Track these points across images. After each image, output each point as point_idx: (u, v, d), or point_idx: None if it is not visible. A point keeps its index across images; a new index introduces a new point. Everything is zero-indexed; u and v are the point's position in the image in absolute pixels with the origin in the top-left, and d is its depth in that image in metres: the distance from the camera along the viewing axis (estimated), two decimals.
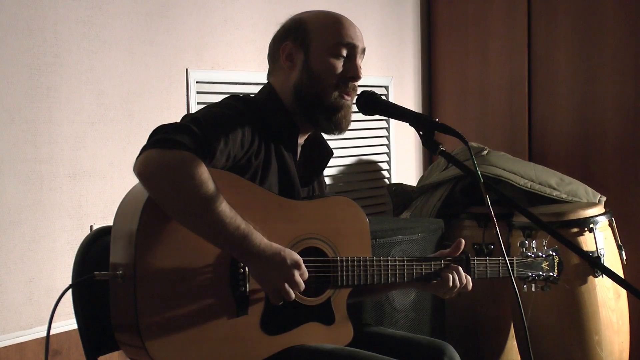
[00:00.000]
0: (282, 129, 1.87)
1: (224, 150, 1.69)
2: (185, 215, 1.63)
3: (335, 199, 1.92)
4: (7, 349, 2.45)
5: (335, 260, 1.83)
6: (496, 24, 3.97)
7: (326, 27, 1.88)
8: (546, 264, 2.10)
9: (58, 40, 2.55)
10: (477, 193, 1.99)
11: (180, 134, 1.62)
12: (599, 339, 3.06)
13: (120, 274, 1.64)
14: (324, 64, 1.85)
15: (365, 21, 3.77)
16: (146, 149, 1.62)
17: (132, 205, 1.68)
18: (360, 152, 3.78)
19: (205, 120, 1.69)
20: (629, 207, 3.59)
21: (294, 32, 1.89)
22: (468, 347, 3.33)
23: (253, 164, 1.78)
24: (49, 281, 2.55)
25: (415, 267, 1.92)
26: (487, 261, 2.01)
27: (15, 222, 2.46)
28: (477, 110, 4.06)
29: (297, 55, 1.88)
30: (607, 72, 3.66)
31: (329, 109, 1.86)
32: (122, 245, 1.67)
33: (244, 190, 1.73)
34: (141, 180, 1.62)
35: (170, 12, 2.88)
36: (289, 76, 1.89)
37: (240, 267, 1.71)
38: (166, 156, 1.60)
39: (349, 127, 1.91)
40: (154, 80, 2.83)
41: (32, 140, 2.50)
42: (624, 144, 3.64)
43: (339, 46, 1.86)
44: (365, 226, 1.93)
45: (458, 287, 1.95)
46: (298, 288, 1.70)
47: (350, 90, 1.88)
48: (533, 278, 2.08)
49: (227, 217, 1.62)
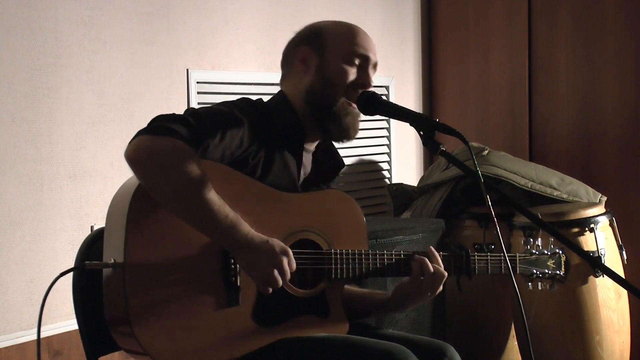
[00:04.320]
0: (288, 131, 1.88)
1: (218, 146, 1.71)
2: (172, 199, 1.65)
3: (329, 192, 1.92)
4: (8, 349, 2.45)
5: (330, 252, 1.83)
6: (497, 23, 3.97)
7: (343, 35, 1.90)
8: (552, 262, 2.06)
9: (59, 41, 2.56)
10: (478, 193, 1.99)
11: (176, 124, 1.66)
12: (600, 339, 3.06)
13: (112, 263, 1.65)
14: (337, 70, 1.87)
15: (366, 21, 3.77)
16: (139, 134, 1.66)
17: (122, 197, 1.69)
18: (361, 152, 3.78)
19: (204, 114, 1.72)
20: (630, 206, 3.59)
21: (311, 38, 1.92)
22: (469, 347, 3.33)
23: (250, 164, 1.79)
24: (50, 281, 2.53)
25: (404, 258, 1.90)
26: (488, 257, 1.99)
27: (16, 223, 2.46)
28: (477, 110, 4.06)
29: (312, 59, 1.89)
30: (608, 72, 3.66)
31: (336, 115, 1.87)
32: (113, 235, 1.68)
33: (237, 183, 1.73)
34: (130, 163, 1.64)
35: (171, 13, 2.89)
36: (302, 80, 1.90)
37: (232, 256, 1.71)
38: (157, 141, 1.63)
39: (356, 136, 1.92)
40: (154, 81, 2.84)
41: (32, 141, 2.50)
42: (624, 144, 3.64)
43: (353, 55, 1.88)
44: (360, 219, 1.93)
45: (428, 277, 1.87)
46: (286, 276, 1.70)
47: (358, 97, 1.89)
48: (538, 276, 2.04)
49: (216, 205, 1.64)
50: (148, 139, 1.64)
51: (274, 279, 1.68)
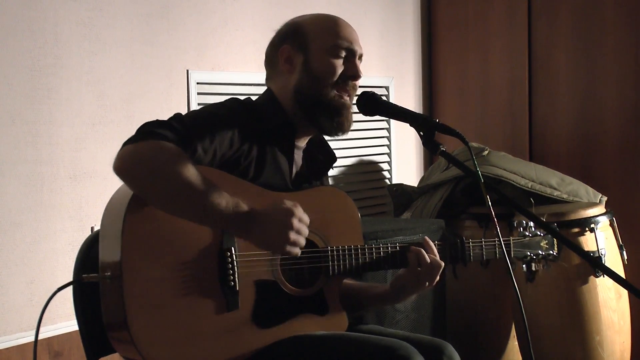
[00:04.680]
0: (278, 130, 1.86)
1: (209, 148, 1.69)
2: (169, 201, 1.62)
3: (323, 190, 1.93)
4: (9, 350, 2.45)
5: (326, 250, 1.83)
6: (496, 23, 3.97)
7: (325, 29, 1.88)
8: (545, 243, 2.09)
9: (58, 42, 2.56)
10: (478, 193, 2.00)
11: (160, 128, 1.64)
12: (600, 340, 3.06)
13: (108, 275, 1.64)
14: (324, 64, 1.86)
15: (365, 21, 3.77)
16: (124, 145, 1.64)
17: (117, 205, 1.68)
18: (361, 153, 3.78)
19: (190, 118, 1.70)
20: (630, 206, 3.59)
21: (292, 36, 1.89)
22: (469, 347, 3.33)
23: (242, 164, 1.78)
24: (50, 282, 2.55)
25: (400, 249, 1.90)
26: (482, 243, 2.00)
27: (16, 224, 2.46)
28: (477, 111, 4.06)
29: (296, 57, 1.88)
30: (608, 72, 3.66)
31: (329, 108, 1.86)
32: (109, 245, 1.67)
33: (229, 186, 1.71)
34: (119, 175, 1.62)
35: (171, 14, 2.89)
36: (288, 79, 1.89)
37: (229, 261, 1.70)
38: (141, 147, 1.61)
39: (350, 128, 1.91)
40: (154, 82, 2.84)
41: (32, 142, 2.50)
42: (624, 144, 3.64)
43: (338, 48, 1.87)
44: (354, 214, 1.93)
45: (425, 267, 1.88)
46: (302, 235, 1.66)
47: (349, 89, 1.88)
48: (532, 257, 2.08)
49: (214, 195, 1.60)
50: (132, 146, 1.62)
51: (293, 243, 1.64)
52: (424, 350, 1.82)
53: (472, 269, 3.21)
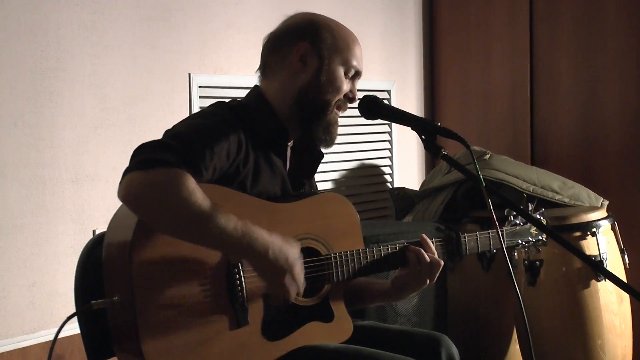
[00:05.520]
0: (272, 135, 1.86)
1: (209, 165, 1.66)
2: (180, 230, 1.60)
3: (323, 196, 1.92)
4: (10, 353, 2.45)
5: (329, 257, 1.84)
6: (498, 27, 3.97)
7: (346, 45, 1.89)
8: (534, 229, 2.19)
9: (61, 45, 2.56)
10: (480, 197, 1.99)
11: (161, 152, 1.58)
12: (602, 343, 3.05)
13: (117, 300, 1.62)
14: (335, 80, 1.87)
15: (367, 25, 3.77)
16: (128, 172, 1.58)
17: (122, 227, 1.65)
18: (363, 157, 3.78)
19: (186, 135, 1.66)
20: (632, 210, 3.59)
21: (312, 36, 1.87)
22: (471, 351, 3.32)
23: (241, 173, 1.76)
24: (52, 285, 2.55)
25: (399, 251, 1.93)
26: (477, 236, 2.05)
27: (18, 227, 2.47)
28: (479, 114, 4.06)
29: (312, 60, 1.87)
30: (610, 76, 3.66)
31: (325, 121, 1.88)
32: (116, 269, 1.65)
33: (232, 201, 1.70)
34: (127, 205, 1.58)
35: (173, 17, 2.89)
36: (296, 76, 1.87)
37: (237, 278, 1.70)
38: (149, 177, 1.55)
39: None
40: (156, 85, 2.84)
41: (34, 145, 2.50)
42: (626, 148, 3.63)
43: (351, 67, 1.89)
44: (355, 219, 1.93)
45: (425, 266, 1.91)
46: (298, 288, 1.69)
47: (343, 107, 1.92)
48: (523, 245, 2.18)
49: (229, 224, 1.60)
50: (139, 175, 1.56)
51: (289, 293, 1.68)
52: (420, 343, 1.83)
53: (474, 272, 3.21)
